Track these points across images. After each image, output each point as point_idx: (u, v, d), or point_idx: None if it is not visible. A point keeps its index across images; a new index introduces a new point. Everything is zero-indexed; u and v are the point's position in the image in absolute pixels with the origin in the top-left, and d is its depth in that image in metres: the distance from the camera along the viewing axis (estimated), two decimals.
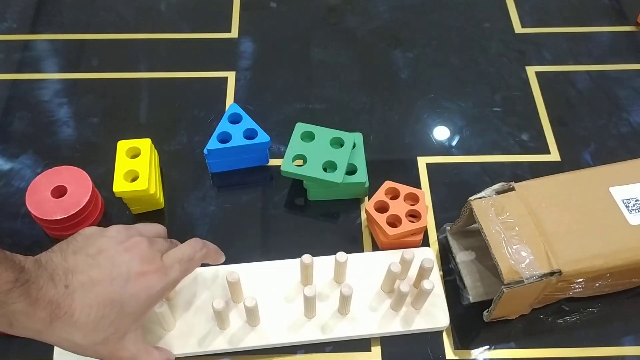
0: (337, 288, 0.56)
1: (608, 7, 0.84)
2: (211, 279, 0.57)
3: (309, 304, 0.53)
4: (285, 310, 0.56)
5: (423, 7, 0.84)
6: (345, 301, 0.53)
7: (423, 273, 0.54)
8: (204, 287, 0.57)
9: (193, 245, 0.51)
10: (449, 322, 0.56)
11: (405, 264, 0.55)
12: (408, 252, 0.54)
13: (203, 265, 0.59)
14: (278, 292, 0.56)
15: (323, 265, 0.57)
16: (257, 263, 0.58)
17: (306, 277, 0.55)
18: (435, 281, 0.56)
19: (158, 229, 0.53)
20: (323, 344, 0.55)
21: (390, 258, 0.56)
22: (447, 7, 0.84)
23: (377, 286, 0.57)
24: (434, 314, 0.55)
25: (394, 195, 0.61)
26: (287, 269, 0.58)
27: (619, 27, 0.81)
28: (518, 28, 0.81)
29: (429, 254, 0.59)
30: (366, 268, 0.58)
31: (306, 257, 0.54)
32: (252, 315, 0.53)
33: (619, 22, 0.82)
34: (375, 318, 0.55)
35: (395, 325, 0.55)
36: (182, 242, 0.60)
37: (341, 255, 0.54)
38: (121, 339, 0.46)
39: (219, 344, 0.54)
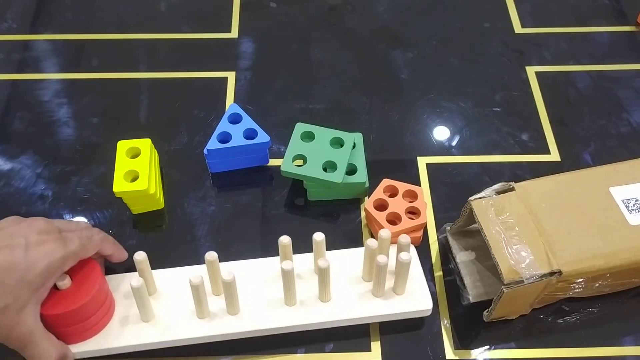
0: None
1: (608, 7, 0.84)
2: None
3: (287, 281, 0.52)
4: (266, 298, 0.55)
5: (423, 7, 0.84)
6: (323, 277, 0.53)
7: (401, 249, 0.54)
8: (184, 284, 0.55)
9: (91, 229, 0.54)
10: (432, 305, 0.55)
11: (383, 242, 0.54)
12: (384, 231, 0.54)
13: (172, 265, 0.58)
14: (259, 288, 0.56)
15: (304, 260, 0.57)
16: (239, 261, 0.58)
17: (285, 258, 0.55)
18: (415, 267, 0.56)
19: (62, 220, 0.55)
20: (323, 344, 0.55)
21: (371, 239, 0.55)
22: (447, 7, 0.84)
23: (358, 277, 0.57)
24: (416, 298, 0.55)
25: (393, 192, 0.61)
26: (268, 265, 0.58)
27: (619, 27, 0.81)
28: (518, 28, 0.81)
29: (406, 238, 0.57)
30: (349, 263, 0.58)
31: (284, 238, 0.53)
32: (230, 296, 0.52)
33: (619, 22, 0.82)
34: (356, 303, 0.55)
35: (376, 309, 0.55)
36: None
37: (318, 235, 0.54)
38: (20, 311, 0.46)
39: (198, 332, 0.53)
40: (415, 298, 0.55)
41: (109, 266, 0.57)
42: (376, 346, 0.55)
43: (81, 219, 0.63)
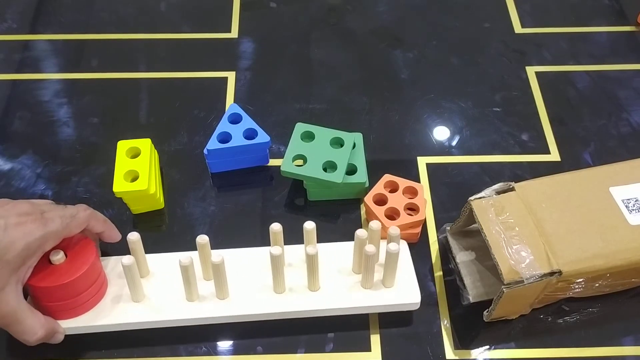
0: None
1: (608, 7, 0.84)
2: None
3: (276, 266, 0.53)
4: (255, 284, 0.56)
5: (423, 7, 0.84)
6: (311, 265, 0.53)
7: (390, 240, 0.54)
8: (176, 268, 0.56)
9: (77, 207, 0.53)
10: (420, 299, 0.55)
11: (373, 233, 0.54)
12: (374, 222, 0.54)
13: (164, 250, 0.59)
14: (250, 276, 0.57)
15: (296, 250, 0.58)
16: (230, 249, 0.59)
17: (275, 244, 0.55)
18: (405, 262, 0.57)
19: (43, 200, 0.54)
20: (323, 343, 0.55)
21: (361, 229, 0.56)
22: (447, 7, 0.84)
23: (349, 269, 0.57)
24: (405, 291, 0.55)
25: (393, 188, 0.61)
26: (259, 255, 0.58)
27: (619, 27, 0.81)
28: (518, 28, 0.81)
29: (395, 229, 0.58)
30: (340, 255, 0.58)
31: (275, 225, 0.54)
32: (219, 279, 0.53)
33: (619, 22, 0.82)
34: (344, 294, 0.55)
35: (365, 301, 0.55)
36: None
37: (309, 223, 0.54)
38: (0, 290, 0.47)
39: (186, 314, 0.54)
40: (404, 291, 0.56)
41: (107, 251, 0.59)
42: (376, 346, 0.55)
43: None
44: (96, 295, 0.54)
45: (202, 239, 0.53)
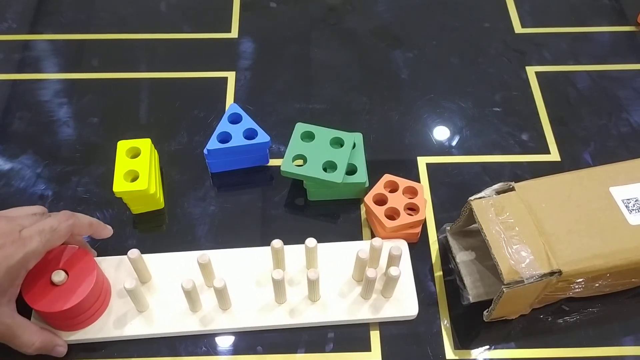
0: None
1: (608, 7, 0.84)
2: (186, 263, 0.58)
3: (278, 287, 0.54)
4: (257, 295, 0.56)
5: (423, 7, 0.84)
6: (312, 286, 0.54)
7: (391, 261, 0.54)
8: (178, 271, 0.57)
9: (58, 218, 0.51)
10: (417, 311, 0.56)
11: (374, 251, 0.55)
12: (377, 240, 0.54)
13: (163, 250, 0.59)
14: (250, 278, 0.57)
15: (296, 252, 0.58)
16: (231, 249, 0.59)
17: (277, 262, 0.56)
18: (405, 271, 0.57)
19: (28, 210, 0.53)
20: (323, 343, 0.55)
21: (363, 248, 0.56)
22: (447, 7, 0.84)
23: (348, 275, 0.58)
24: (403, 303, 0.56)
25: (393, 188, 0.61)
26: (260, 256, 0.58)
27: (619, 27, 0.81)
28: (518, 28, 0.81)
29: (401, 244, 0.59)
30: (339, 257, 0.58)
31: (276, 242, 0.54)
32: (221, 297, 0.54)
33: (619, 22, 0.82)
34: (344, 305, 0.56)
35: (364, 313, 0.55)
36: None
37: (310, 241, 0.54)
38: None
39: (190, 326, 0.55)
40: (402, 303, 0.56)
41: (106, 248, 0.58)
42: (376, 346, 0.55)
43: None
44: (100, 308, 0.55)
45: (203, 260, 0.53)
